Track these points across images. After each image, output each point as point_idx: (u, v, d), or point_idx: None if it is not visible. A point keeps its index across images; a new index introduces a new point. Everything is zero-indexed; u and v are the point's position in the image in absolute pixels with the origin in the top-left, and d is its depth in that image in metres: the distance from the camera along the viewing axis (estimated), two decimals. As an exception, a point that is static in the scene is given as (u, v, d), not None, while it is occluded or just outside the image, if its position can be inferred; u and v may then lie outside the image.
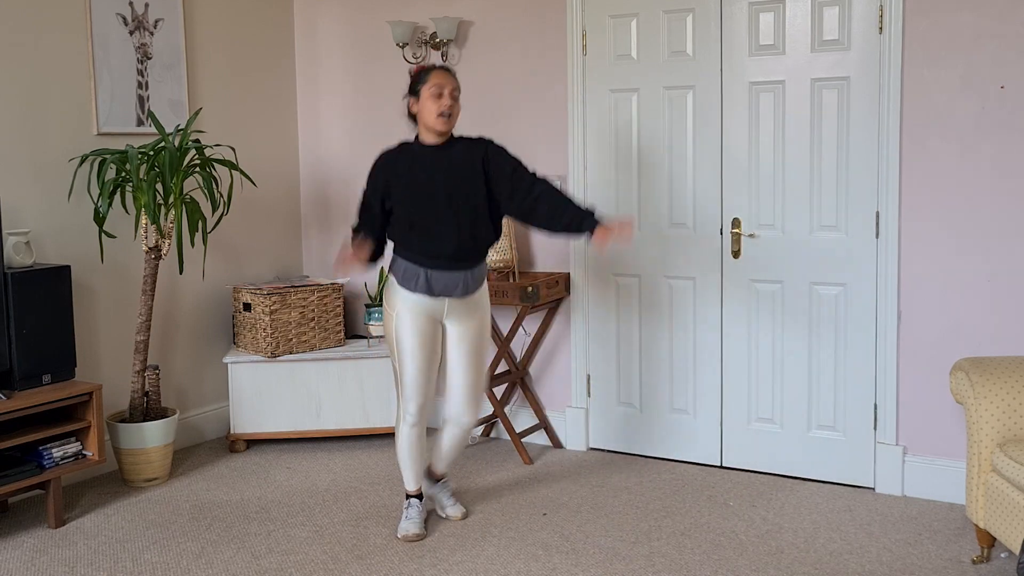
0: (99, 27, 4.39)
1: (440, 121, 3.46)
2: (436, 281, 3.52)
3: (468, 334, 3.63)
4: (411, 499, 3.76)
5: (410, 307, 3.55)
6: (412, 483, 3.76)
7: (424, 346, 3.58)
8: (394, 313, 3.58)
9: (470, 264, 3.56)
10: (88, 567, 3.49)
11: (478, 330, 3.66)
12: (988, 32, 3.74)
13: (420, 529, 3.69)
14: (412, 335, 3.56)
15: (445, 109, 3.44)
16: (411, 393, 3.62)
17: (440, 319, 3.61)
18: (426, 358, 3.60)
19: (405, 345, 3.57)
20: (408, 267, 3.54)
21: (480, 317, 3.66)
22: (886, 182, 3.96)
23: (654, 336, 4.54)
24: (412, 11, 4.98)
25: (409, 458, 3.72)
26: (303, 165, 5.47)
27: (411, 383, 3.60)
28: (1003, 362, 3.34)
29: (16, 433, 3.75)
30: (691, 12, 4.29)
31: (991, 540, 3.37)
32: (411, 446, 3.70)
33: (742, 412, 4.37)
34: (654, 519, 3.84)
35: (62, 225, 4.28)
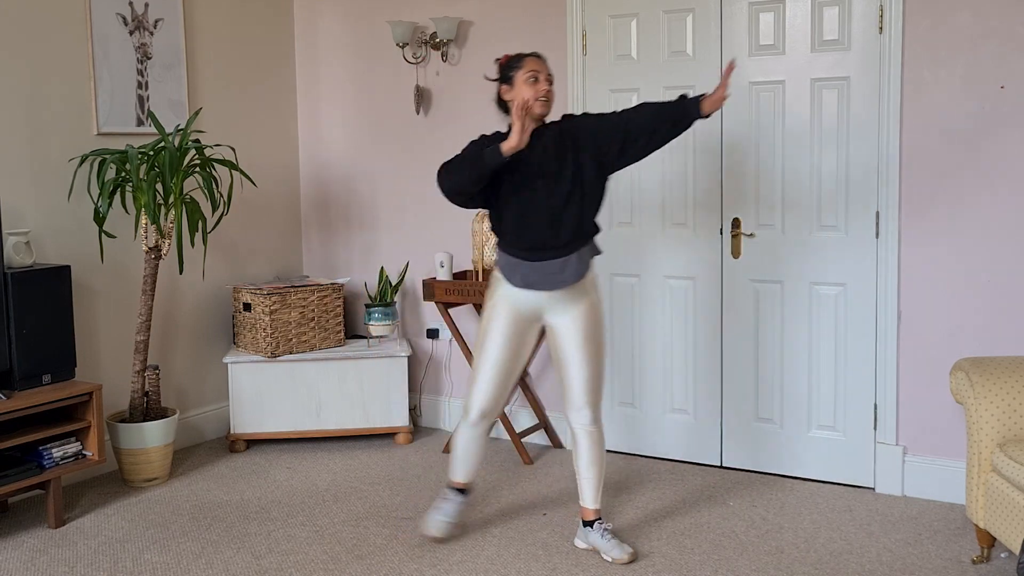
0: (99, 27, 4.39)
1: (537, 105, 3.32)
2: (531, 273, 3.35)
3: (578, 322, 3.40)
4: (450, 491, 3.63)
5: (512, 306, 3.41)
6: (460, 476, 3.61)
7: (508, 346, 3.42)
8: (493, 306, 3.44)
9: (572, 250, 3.36)
10: (88, 567, 3.49)
11: (589, 317, 3.42)
12: (988, 32, 3.74)
13: (444, 531, 3.57)
14: (500, 332, 3.41)
15: (543, 94, 3.33)
16: (478, 395, 3.45)
17: (539, 318, 3.44)
18: (507, 359, 3.43)
19: (490, 341, 3.42)
20: (508, 260, 3.39)
21: (589, 303, 3.43)
22: (886, 182, 3.96)
23: (654, 336, 4.53)
24: (412, 11, 4.98)
25: (463, 452, 3.58)
26: (303, 165, 5.47)
27: (482, 385, 3.44)
28: (1003, 362, 3.34)
29: (16, 433, 3.75)
30: (691, 12, 4.29)
31: (991, 540, 3.37)
32: (467, 446, 3.56)
33: (742, 412, 4.37)
34: (654, 519, 3.84)
35: (62, 225, 4.28)
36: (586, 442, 3.49)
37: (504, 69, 3.43)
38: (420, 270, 5.12)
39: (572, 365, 3.43)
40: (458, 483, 3.62)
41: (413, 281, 5.17)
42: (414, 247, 5.15)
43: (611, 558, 3.43)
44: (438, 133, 5.01)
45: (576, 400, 3.46)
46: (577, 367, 3.43)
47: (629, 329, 4.59)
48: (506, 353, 3.42)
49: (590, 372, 3.44)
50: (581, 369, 3.43)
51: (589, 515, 3.52)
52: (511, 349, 3.43)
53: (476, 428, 3.52)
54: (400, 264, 5.17)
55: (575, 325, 3.41)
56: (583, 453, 3.50)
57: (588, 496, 3.52)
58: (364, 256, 5.33)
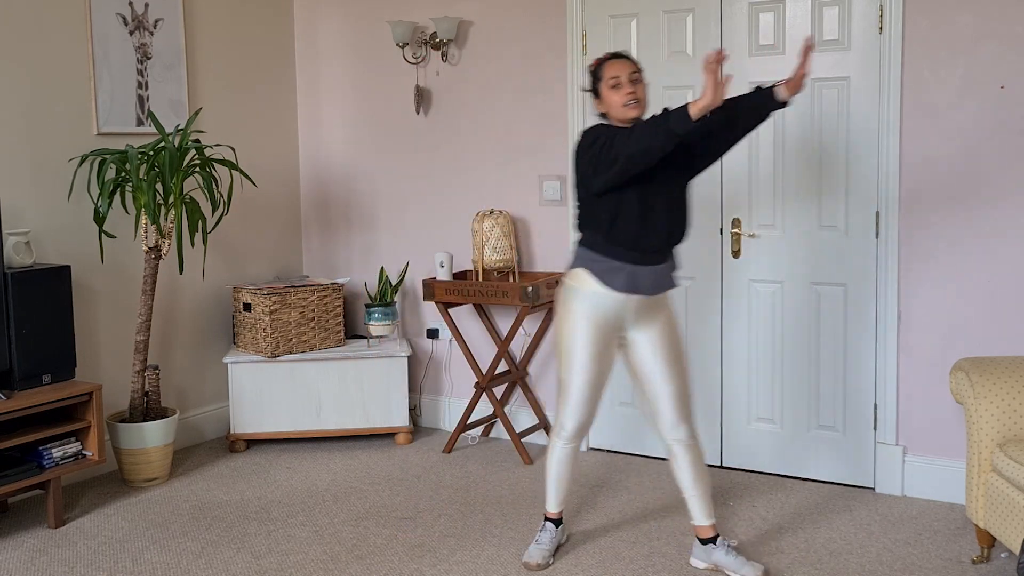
0: (99, 27, 4.39)
1: (628, 110, 3.15)
2: (637, 277, 3.17)
3: (662, 334, 3.27)
4: (547, 522, 3.50)
5: (592, 311, 3.20)
6: (554, 504, 3.48)
7: (598, 359, 3.25)
8: (572, 317, 3.23)
9: (670, 257, 3.27)
10: (88, 567, 3.49)
11: (672, 327, 3.31)
12: (988, 32, 3.74)
13: (547, 559, 3.42)
14: (587, 344, 3.22)
15: (629, 98, 3.15)
16: (572, 409, 3.30)
17: (622, 329, 3.27)
18: (598, 373, 3.27)
19: (577, 354, 3.23)
20: (607, 262, 3.17)
21: (668, 313, 3.32)
22: (886, 182, 3.96)
23: (654, 336, 4.53)
24: (412, 11, 4.98)
25: (556, 476, 3.44)
26: (303, 165, 5.47)
27: (575, 397, 3.28)
28: (1003, 362, 3.34)
29: (16, 433, 3.75)
30: (691, 12, 4.29)
31: (991, 540, 3.37)
32: (561, 463, 3.42)
33: (742, 412, 4.37)
34: (654, 519, 3.84)
35: (62, 225, 4.28)
36: (687, 458, 3.34)
37: (591, 81, 3.27)
38: (420, 270, 5.12)
39: (660, 381, 3.28)
40: (554, 514, 3.50)
41: (413, 281, 5.17)
42: (414, 247, 5.15)
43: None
44: (438, 133, 5.01)
45: (669, 416, 3.30)
46: (665, 383, 3.28)
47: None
48: (596, 367, 3.26)
49: (680, 385, 3.31)
50: (671, 383, 3.29)
51: (707, 532, 3.36)
52: (600, 363, 3.26)
53: (572, 444, 3.39)
54: (400, 264, 5.17)
55: (659, 338, 3.27)
56: (686, 470, 3.35)
57: (701, 513, 3.36)
58: (364, 256, 5.33)
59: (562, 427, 3.36)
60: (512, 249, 4.66)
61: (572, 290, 3.25)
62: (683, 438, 3.33)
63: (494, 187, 4.87)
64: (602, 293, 3.18)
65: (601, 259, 3.19)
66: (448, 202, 5.02)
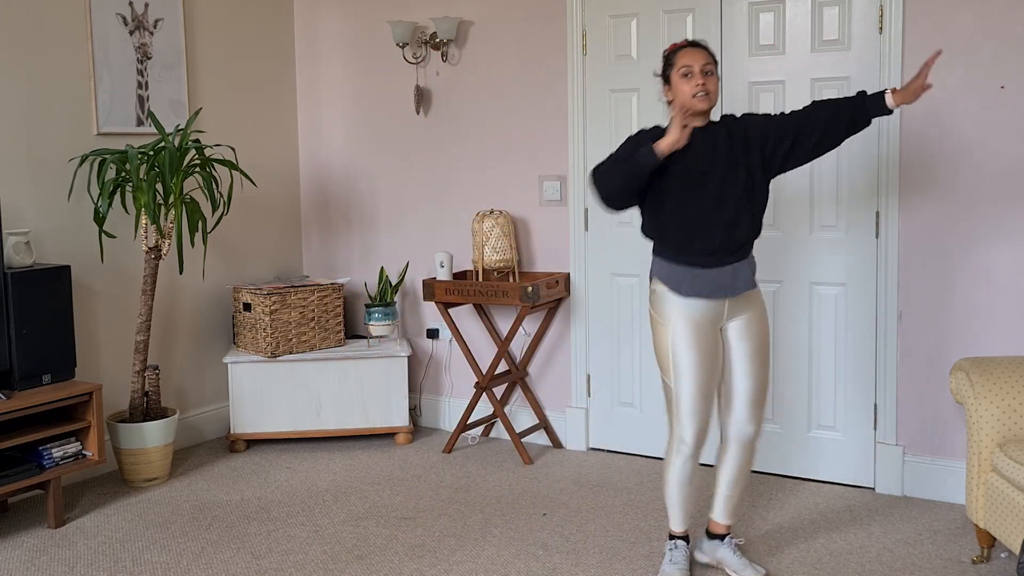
0: (99, 27, 4.39)
1: (698, 101, 3.04)
2: (704, 282, 3.11)
3: (748, 331, 3.19)
4: (676, 540, 3.33)
5: (687, 315, 3.12)
6: (680, 522, 3.32)
7: (705, 360, 3.14)
8: (668, 325, 3.14)
9: (742, 256, 3.17)
10: (88, 567, 3.49)
11: (759, 325, 3.22)
12: (988, 32, 3.74)
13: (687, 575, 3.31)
14: (690, 349, 3.12)
15: (699, 90, 3.05)
16: (688, 418, 3.16)
17: (722, 320, 3.18)
18: (707, 375, 3.15)
19: (683, 362, 3.12)
20: (672, 269, 3.13)
21: (759, 312, 3.23)
22: (886, 182, 3.96)
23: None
24: (412, 11, 4.98)
25: (679, 495, 3.27)
26: (303, 165, 5.47)
27: (689, 406, 3.15)
28: (1003, 362, 3.34)
29: (16, 433, 3.75)
30: (691, 12, 4.29)
31: (991, 540, 3.37)
32: (684, 482, 3.25)
33: (742, 412, 4.36)
34: (654, 519, 3.84)
35: (62, 225, 4.28)
36: (740, 457, 3.29)
37: (663, 67, 3.17)
38: (420, 270, 5.12)
39: (739, 376, 3.21)
40: (681, 532, 3.35)
41: (413, 281, 5.17)
42: (414, 247, 5.15)
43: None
44: (438, 133, 5.01)
45: (739, 414, 3.24)
46: (744, 379, 3.21)
47: (629, 329, 4.59)
48: (706, 367, 3.14)
49: (758, 384, 3.23)
50: (748, 381, 3.21)
51: (720, 529, 3.35)
52: (709, 361, 3.15)
53: (693, 459, 3.22)
54: (400, 264, 5.17)
55: (746, 334, 3.20)
56: (731, 467, 3.30)
57: (725, 510, 3.34)
58: (364, 256, 5.33)
59: (681, 441, 3.19)
60: (512, 249, 4.66)
61: (658, 295, 3.19)
62: (747, 438, 3.26)
63: (494, 187, 4.87)
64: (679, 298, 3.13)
65: (667, 265, 3.15)
66: (448, 202, 5.02)
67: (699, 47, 3.13)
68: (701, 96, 3.05)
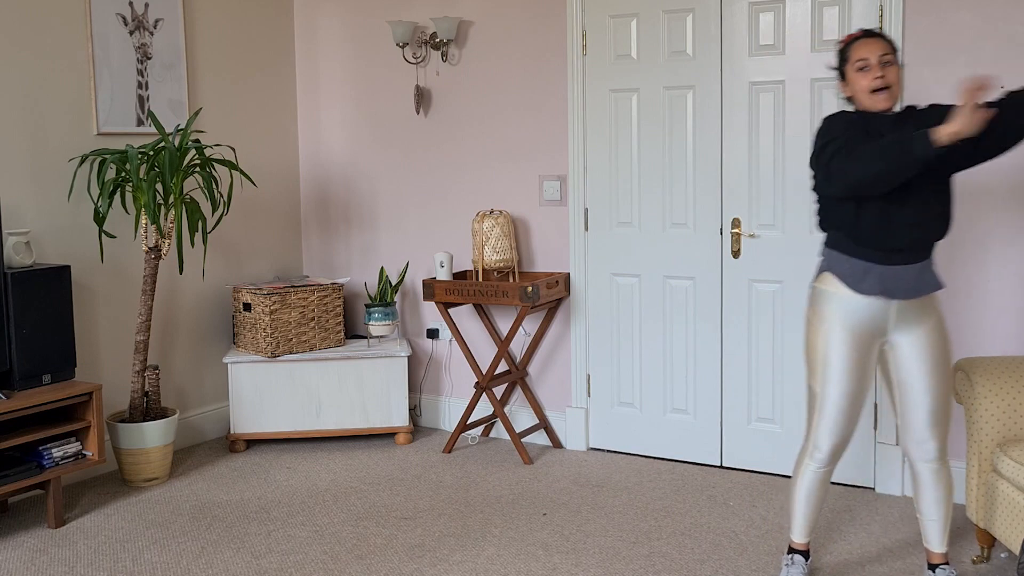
0: (99, 27, 4.39)
1: (876, 98, 2.87)
2: (889, 279, 2.89)
3: (927, 340, 2.96)
4: (795, 555, 3.19)
5: (847, 316, 2.93)
6: (802, 534, 3.17)
7: (858, 369, 2.96)
8: (824, 324, 2.96)
9: (927, 255, 2.94)
10: (88, 567, 3.49)
11: (939, 334, 2.99)
12: (988, 32, 3.74)
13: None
14: (845, 354, 2.94)
15: (878, 83, 2.85)
16: (828, 427, 2.99)
17: (884, 333, 2.98)
18: (857, 385, 2.97)
19: (833, 365, 2.94)
20: (855, 263, 2.91)
21: (938, 318, 3.00)
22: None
23: (654, 336, 4.54)
24: (412, 11, 4.98)
25: (807, 504, 3.12)
26: (303, 165, 5.47)
27: (832, 414, 2.98)
28: (1003, 362, 3.34)
29: (16, 433, 3.75)
30: (691, 12, 4.29)
31: (991, 540, 3.37)
32: (813, 491, 3.10)
33: (742, 412, 4.37)
34: (654, 519, 3.84)
35: (62, 225, 4.28)
36: (930, 480, 3.07)
37: (839, 62, 2.98)
38: (420, 270, 5.12)
39: (917, 391, 2.98)
40: (801, 544, 3.20)
41: (413, 281, 5.17)
42: (414, 247, 5.15)
43: None
44: (438, 133, 5.01)
45: (919, 431, 3.02)
46: (923, 393, 2.98)
47: (629, 329, 4.59)
48: (856, 378, 2.96)
49: (939, 398, 3.00)
50: (928, 395, 2.98)
51: (936, 559, 3.15)
52: (861, 371, 2.97)
53: (828, 467, 3.07)
54: (400, 264, 5.17)
55: (924, 343, 2.97)
56: (927, 492, 3.09)
57: (934, 539, 3.13)
58: (364, 256, 5.33)
59: (816, 448, 3.04)
60: (512, 249, 4.66)
61: (822, 294, 3.00)
62: (931, 457, 3.05)
63: (494, 187, 4.87)
64: (854, 297, 2.93)
65: (847, 259, 2.94)
66: (448, 202, 5.02)
67: (875, 36, 2.92)
68: (880, 89, 2.86)
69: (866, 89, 2.88)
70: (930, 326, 2.98)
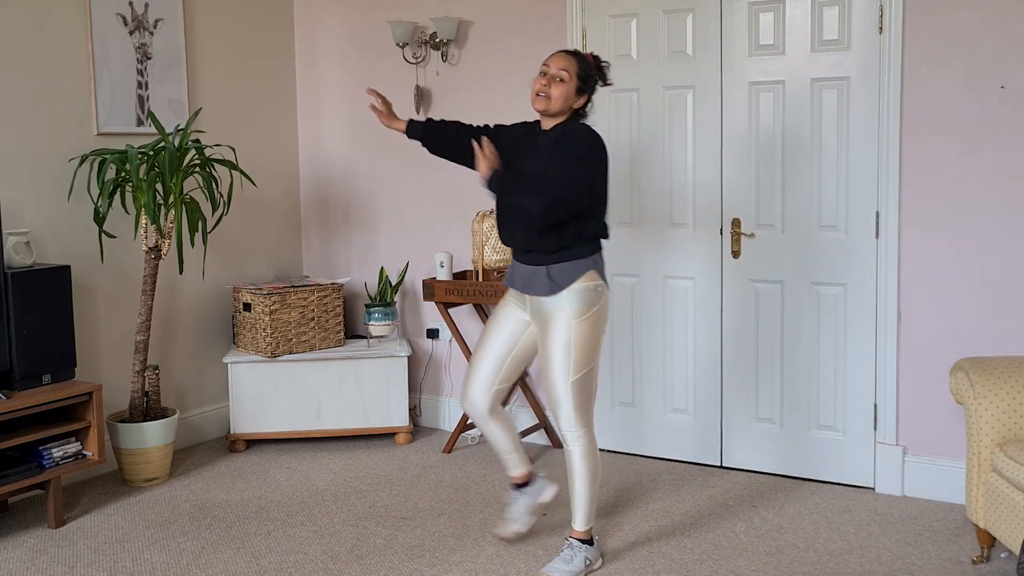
0: (99, 27, 4.39)
1: (535, 100, 3.25)
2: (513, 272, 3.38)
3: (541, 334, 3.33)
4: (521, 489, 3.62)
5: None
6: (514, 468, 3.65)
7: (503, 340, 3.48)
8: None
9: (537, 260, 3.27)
10: (88, 567, 3.49)
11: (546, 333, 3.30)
12: (988, 32, 3.74)
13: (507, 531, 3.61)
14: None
15: (539, 89, 3.23)
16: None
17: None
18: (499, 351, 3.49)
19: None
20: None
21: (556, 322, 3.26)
22: (886, 182, 3.96)
23: (654, 336, 4.53)
24: (412, 11, 4.98)
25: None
26: (303, 165, 5.47)
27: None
28: (1003, 362, 3.34)
29: (16, 433, 3.75)
30: (691, 12, 4.29)
31: (991, 540, 3.37)
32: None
33: (742, 412, 4.37)
34: (654, 519, 3.84)
35: (62, 225, 4.28)
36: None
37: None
38: (420, 270, 5.12)
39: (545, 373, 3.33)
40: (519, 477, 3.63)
41: (413, 281, 5.17)
42: (414, 247, 5.15)
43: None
44: (438, 133, 5.01)
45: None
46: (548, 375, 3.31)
47: (629, 329, 4.59)
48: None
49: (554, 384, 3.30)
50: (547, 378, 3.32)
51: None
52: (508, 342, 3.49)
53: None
54: (400, 264, 5.17)
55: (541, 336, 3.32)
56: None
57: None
58: (364, 256, 5.33)
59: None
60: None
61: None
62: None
63: (494, 187, 4.87)
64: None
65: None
66: (448, 202, 5.02)
67: (564, 52, 3.29)
68: (538, 98, 3.23)
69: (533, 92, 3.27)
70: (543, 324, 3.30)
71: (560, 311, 3.24)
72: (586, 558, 3.35)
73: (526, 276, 3.30)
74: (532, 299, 3.32)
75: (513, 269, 3.38)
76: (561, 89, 3.21)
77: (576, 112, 3.29)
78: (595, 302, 3.27)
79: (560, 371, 3.25)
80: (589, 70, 3.27)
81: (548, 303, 3.26)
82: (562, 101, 3.22)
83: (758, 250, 4.27)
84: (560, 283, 3.23)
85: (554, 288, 3.23)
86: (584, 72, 3.24)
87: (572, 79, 3.22)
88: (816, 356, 4.19)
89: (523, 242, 3.30)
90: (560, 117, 3.27)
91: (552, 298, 3.25)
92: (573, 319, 3.23)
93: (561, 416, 3.30)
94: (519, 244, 3.33)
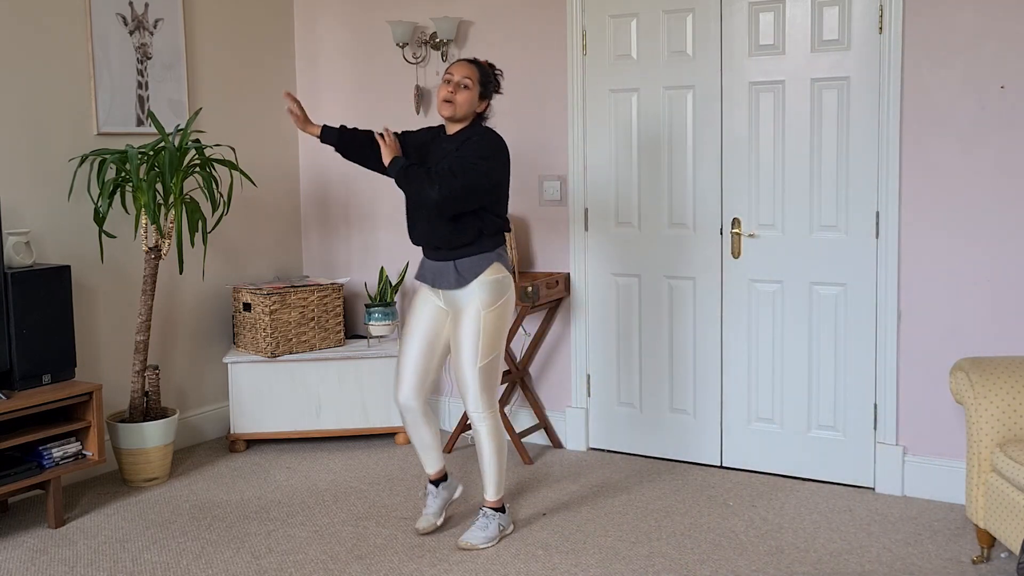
0: (99, 27, 4.39)
1: (442, 107, 3.51)
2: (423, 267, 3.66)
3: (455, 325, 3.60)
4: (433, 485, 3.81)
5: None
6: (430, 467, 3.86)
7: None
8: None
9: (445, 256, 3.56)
10: (88, 567, 3.49)
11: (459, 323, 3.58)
12: (988, 32, 3.74)
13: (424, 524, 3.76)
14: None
15: (446, 96, 3.49)
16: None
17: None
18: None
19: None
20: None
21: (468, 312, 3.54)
22: (886, 182, 3.96)
23: (654, 336, 4.54)
24: (412, 11, 4.98)
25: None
26: (303, 165, 5.47)
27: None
28: (1003, 362, 3.34)
29: (16, 433, 3.75)
30: (691, 12, 4.29)
31: (991, 540, 3.37)
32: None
33: (742, 412, 4.37)
34: (654, 519, 3.84)
35: (62, 225, 4.28)
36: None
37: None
38: (420, 270, 5.11)
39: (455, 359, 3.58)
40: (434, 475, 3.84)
41: (413, 281, 5.16)
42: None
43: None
44: (438, 133, 5.01)
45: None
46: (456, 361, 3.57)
47: (629, 329, 4.59)
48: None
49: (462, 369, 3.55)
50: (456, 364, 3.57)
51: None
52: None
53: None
54: (400, 264, 5.17)
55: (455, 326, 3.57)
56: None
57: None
58: (364, 256, 5.33)
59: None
60: (512, 249, 4.65)
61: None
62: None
63: (494, 187, 4.87)
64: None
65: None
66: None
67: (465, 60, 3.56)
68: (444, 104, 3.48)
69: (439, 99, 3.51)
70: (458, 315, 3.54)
71: (470, 303, 3.51)
72: (499, 524, 3.64)
73: (435, 271, 3.57)
74: (444, 292, 3.58)
75: (423, 265, 3.65)
76: (466, 95, 3.48)
77: (478, 116, 3.56)
78: (502, 293, 3.54)
79: (468, 358, 3.51)
80: (489, 77, 3.55)
81: (458, 295, 3.53)
82: (467, 106, 3.50)
83: (758, 250, 4.27)
84: (467, 276, 3.50)
85: (462, 281, 3.51)
86: (485, 78, 3.52)
87: (475, 86, 3.50)
88: (816, 356, 4.19)
89: (430, 239, 3.55)
90: (464, 122, 3.54)
91: (461, 290, 3.52)
92: (483, 309, 3.51)
93: (468, 399, 3.56)
94: (427, 241, 3.58)
